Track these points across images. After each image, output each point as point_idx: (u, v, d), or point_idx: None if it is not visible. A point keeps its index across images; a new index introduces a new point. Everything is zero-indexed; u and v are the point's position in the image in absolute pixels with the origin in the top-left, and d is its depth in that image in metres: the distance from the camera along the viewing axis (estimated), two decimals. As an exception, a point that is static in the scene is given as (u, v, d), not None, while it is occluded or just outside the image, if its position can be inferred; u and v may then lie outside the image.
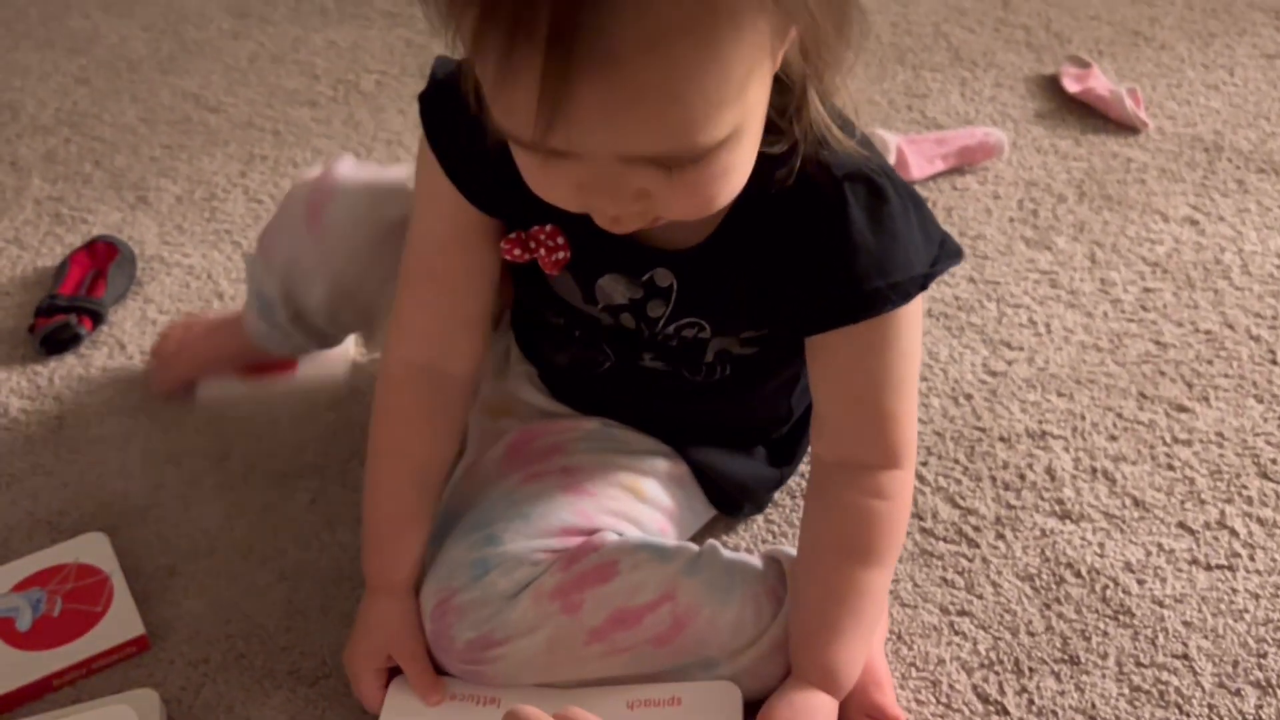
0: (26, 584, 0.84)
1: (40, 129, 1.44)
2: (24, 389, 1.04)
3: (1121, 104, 1.36)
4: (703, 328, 0.73)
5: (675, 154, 0.54)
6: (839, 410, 0.72)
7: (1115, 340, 1.06)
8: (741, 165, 0.58)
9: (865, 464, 0.71)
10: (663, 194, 0.57)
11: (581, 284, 0.73)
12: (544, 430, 0.82)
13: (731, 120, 0.54)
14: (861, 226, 0.65)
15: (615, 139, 0.53)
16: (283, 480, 0.94)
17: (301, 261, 0.86)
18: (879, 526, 0.71)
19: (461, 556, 0.74)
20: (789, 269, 0.67)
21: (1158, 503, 0.89)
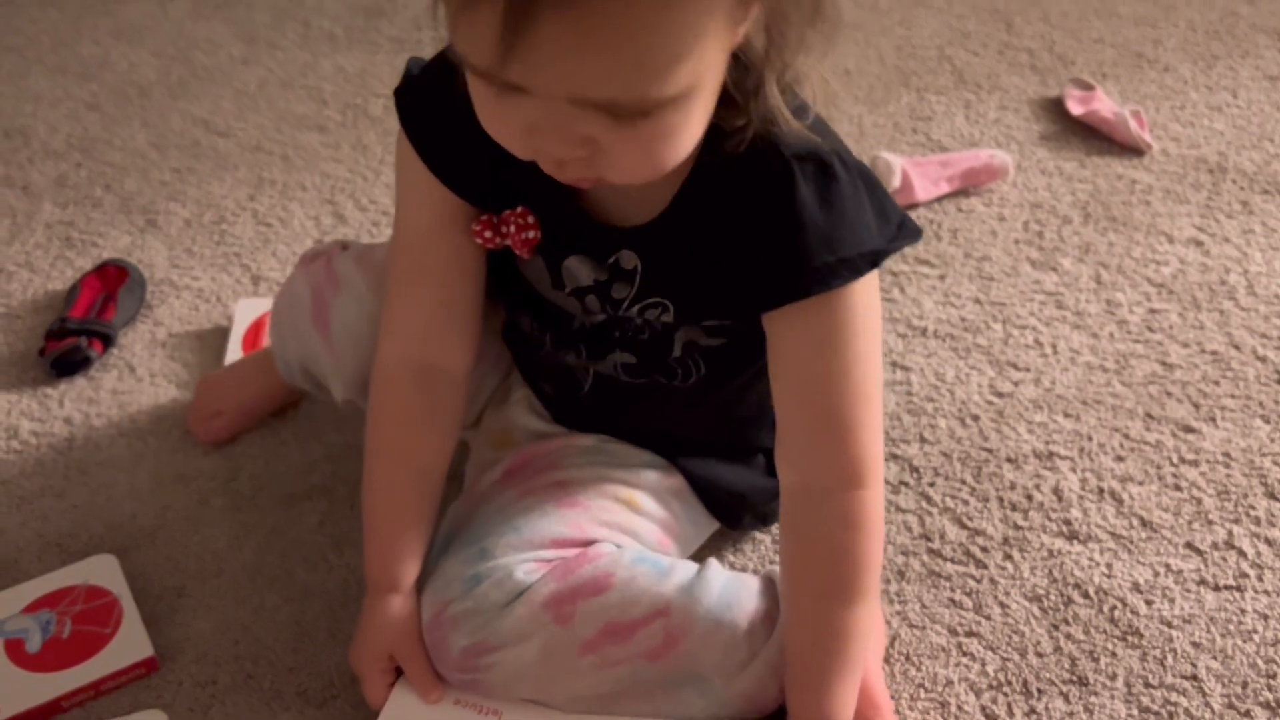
0: (36, 606, 0.84)
1: (51, 154, 1.46)
2: (34, 411, 1.05)
3: (1126, 126, 1.37)
4: (666, 308, 0.73)
5: (624, 102, 0.55)
6: (796, 416, 0.71)
7: (1121, 361, 1.06)
8: (689, 130, 0.58)
9: (829, 487, 0.70)
10: (610, 145, 0.57)
11: (549, 266, 0.74)
12: (541, 451, 0.83)
13: (684, 78, 0.54)
14: (809, 203, 0.65)
15: (569, 78, 0.54)
16: (291, 502, 0.95)
17: (318, 361, 0.87)
18: (852, 561, 0.71)
19: (456, 571, 0.75)
20: (740, 245, 0.68)
21: (1165, 523, 0.89)
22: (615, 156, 0.58)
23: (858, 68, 1.60)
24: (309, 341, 0.87)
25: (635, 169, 0.60)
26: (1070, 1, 1.76)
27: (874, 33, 1.69)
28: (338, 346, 0.85)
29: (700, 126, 0.60)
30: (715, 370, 0.77)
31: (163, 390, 1.06)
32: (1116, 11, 1.72)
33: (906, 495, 0.92)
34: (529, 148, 0.59)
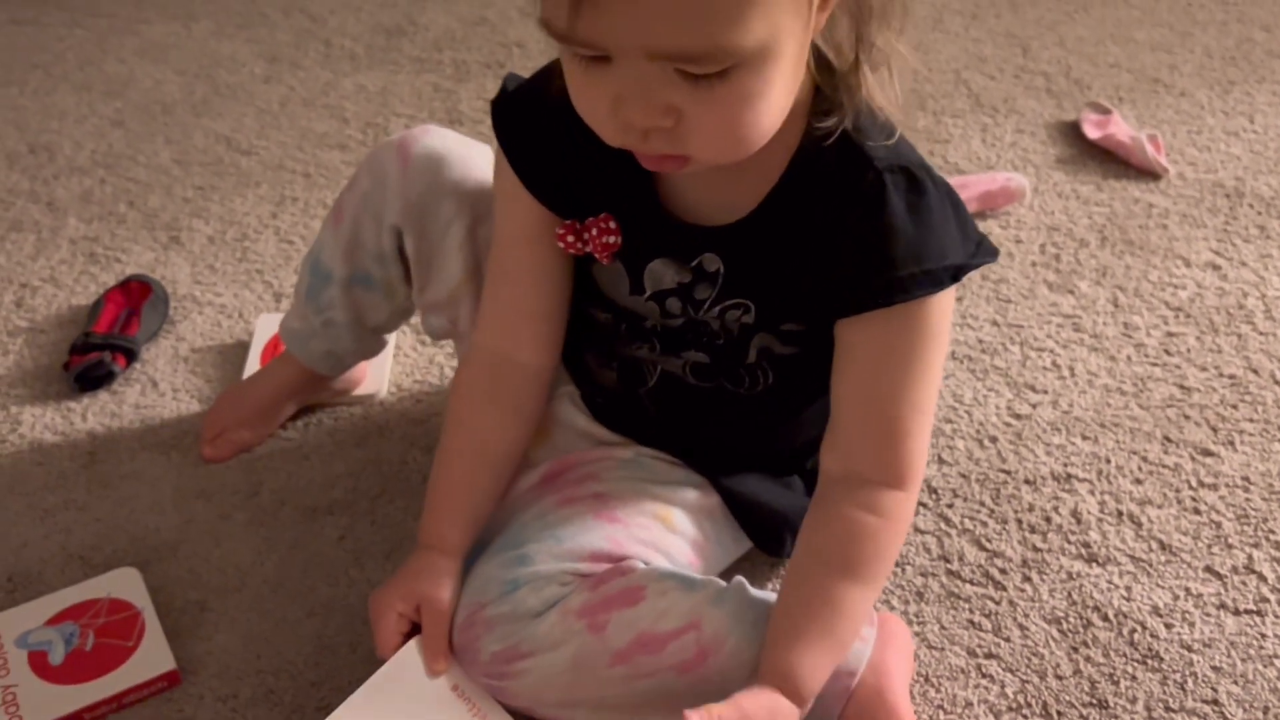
0: (60, 618, 0.85)
1: (76, 170, 1.47)
2: (58, 425, 1.06)
3: (1142, 150, 1.37)
4: (748, 309, 0.75)
5: (697, 51, 0.56)
6: (853, 416, 0.72)
7: (1139, 384, 1.06)
8: (769, 100, 0.60)
9: (869, 479, 0.72)
10: (691, 113, 0.59)
11: (630, 271, 0.76)
12: (578, 460, 0.84)
13: (756, 31, 0.56)
14: (899, 212, 0.67)
15: (639, 27, 0.56)
16: (312, 516, 0.95)
17: (386, 181, 0.88)
18: (868, 543, 0.72)
19: (493, 574, 0.75)
20: (828, 251, 0.70)
21: (1184, 547, 0.89)
22: (697, 125, 0.60)
23: (875, 90, 1.60)
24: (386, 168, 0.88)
25: (718, 139, 0.62)
26: (1086, 27, 1.77)
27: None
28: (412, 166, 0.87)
29: (782, 101, 0.61)
30: (782, 382, 0.78)
31: (185, 405, 1.07)
32: (1133, 37, 1.73)
33: (925, 516, 0.93)
34: (618, 124, 0.62)
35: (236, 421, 1.01)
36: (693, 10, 0.55)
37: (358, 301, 0.94)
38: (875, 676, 0.75)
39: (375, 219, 0.89)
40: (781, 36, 0.58)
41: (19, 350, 1.15)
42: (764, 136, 0.63)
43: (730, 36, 0.56)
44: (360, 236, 0.91)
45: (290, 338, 0.99)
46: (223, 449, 1.00)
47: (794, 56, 0.61)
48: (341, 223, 0.91)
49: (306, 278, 0.96)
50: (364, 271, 0.92)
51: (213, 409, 1.03)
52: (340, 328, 0.96)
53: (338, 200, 0.93)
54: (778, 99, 0.61)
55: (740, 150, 0.63)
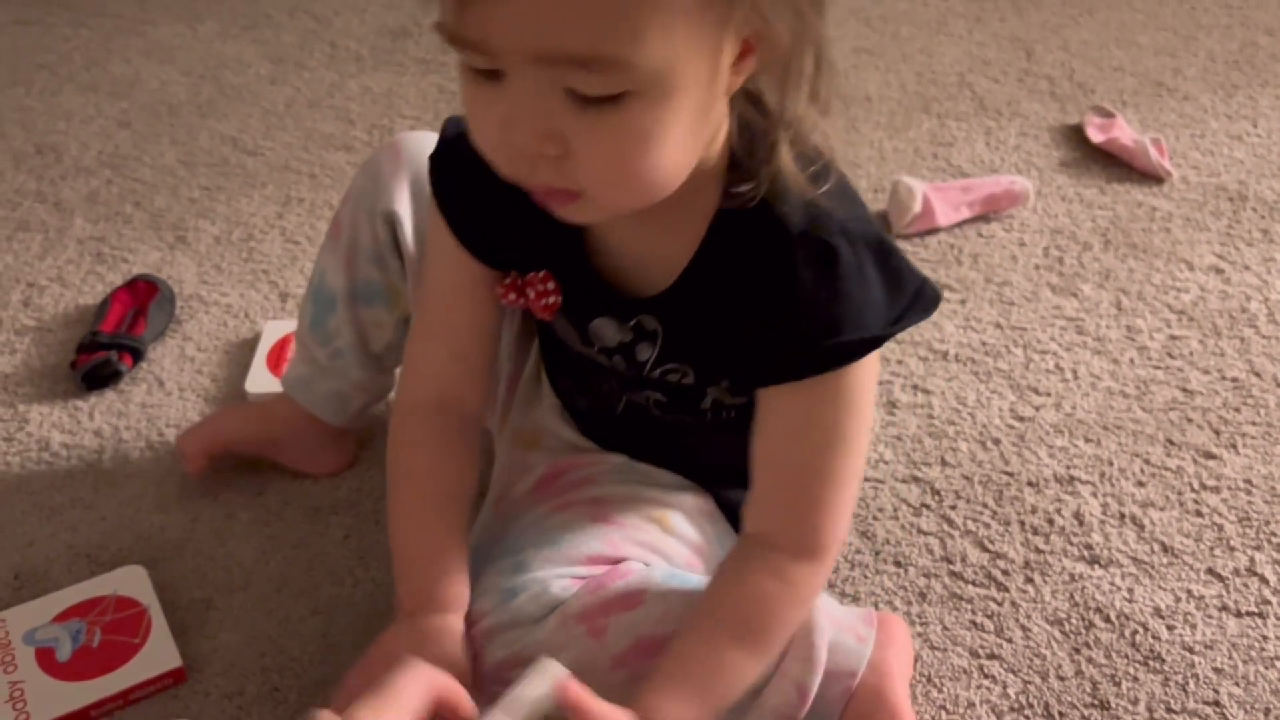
0: (66, 615, 0.85)
1: (83, 170, 1.48)
2: (65, 423, 1.06)
3: (1146, 153, 1.37)
4: (686, 373, 0.74)
5: (588, 54, 0.54)
6: (768, 483, 0.71)
7: (1142, 387, 1.06)
8: (666, 141, 0.57)
9: (781, 546, 0.70)
10: (581, 144, 0.57)
11: (576, 326, 0.76)
12: (573, 464, 0.84)
13: (652, 52, 0.54)
14: (808, 286, 0.64)
15: (526, 23, 0.53)
16: (316, 516, 0.96)
17: (379, 177, 0.87)
18: (766, 613, 0.70)
19: (491, 582, 0.75)
20: (747, 320, 0.67)
21: (1186, 549, 0.90)
22: (587, 157, 0.57)
23: (879, 93, 1.61)
24: (381, 167, 0.87)
25: (608, 176, 0.59)
26: (1090, 31, 1.78)
27: (895, 59, 1.71)
28: (406, 153, 0.86)
29: (681, 149, 0.58)
30: (744, 415, 0.77)
31: (191, 404, 1.08)
32: (1136, 41, 1.74)
33: (928, 518, 0.93)
34: (507, 149, 0.59)
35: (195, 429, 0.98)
36: (583, 8, 0.52)
37: (361, 320, 0.92)
38: (875, 677, 0.75)
39: (369, 214, 0.88)
40: (681, 71, 0.55)
41: (26, 349, 1.16)
42: (661, 184, 0.59)
43: (622, 46, 0.53)
44: (357, 240, 0.90)
45: (295, 385, 0.96)
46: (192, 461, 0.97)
47: (696, 103, 0.57)
48: (339, 235, 0.90)
49: (309, 310, 0.94)
50: (365, 279, 0.90)
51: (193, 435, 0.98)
52: (347, 355, 0.93)
53: (334, 218, 0.92)
54: (676, 145, 0.58)
55: (634, 193, 0.60)
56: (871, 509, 0.94)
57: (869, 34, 1.80)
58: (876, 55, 1.72)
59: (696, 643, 0.69)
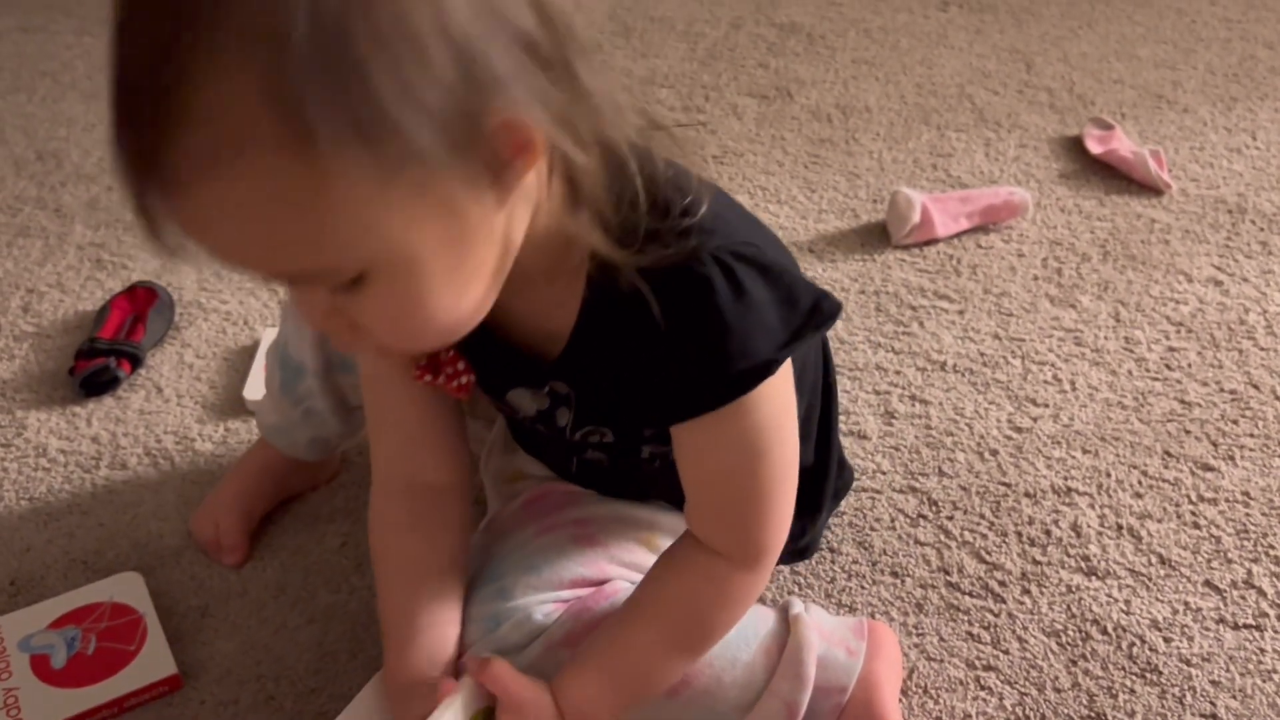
0: (62, 621, 0.85)
1: (83, 177, 1.48)
2: (62, 429, 1.06)
3: (1145, 165, 1.38)
4: (605, 434, 0.74)
5: (297, 274, 0.53)
6: (699, 502, 0.70)
7: (1140, 398, 1.06)
8: (426, 300, 0.55)
9: (719, 553, 0.70)
10: (354, 314, 0.55)
11: (496, 399, 0.75)
12: (558, 488, 0.83)
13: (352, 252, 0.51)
14: (686, 327, 0.62)
15: (223, 255, 0.52)
16: (313, 524, 0.96)
17: None
18: (698, 619, 0.70)
19: (475, 611, 0.75)
20: (640, 372, 0.66)
21: (1184, 561, 0.89)
22: (368, 324, 0.56)
23: (878, 105, 1.61)
24: None
25: (396, 336, 0.57)
26: (1090, 43, 1.78)
27: (895, 71, 1.71)
28: None
29: (456, 291, 0.56)
30: None
31: (189, 411, 1.08)
32: (1136, 54, 1.74)
33: (925, 528, 0.93)
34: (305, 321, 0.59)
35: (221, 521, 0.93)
36: (262, 246, 0.51)
37: (337, 385, 0.90)
38: (865, 690, 0.75)
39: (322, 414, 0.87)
40: (402, 249, 0.52)
41: (25, 355, 1.16)
42: (455, 324, 0.58)
43: (317, 260, 0.51)
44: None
45: (271, 433, 0.94)
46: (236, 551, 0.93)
47: (447, 259, 0.54)
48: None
49: (277, 372, 0.91)
50: (339, 357, 0.88)
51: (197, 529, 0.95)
52: (323, 414, 0.91)
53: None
54: (442, 297, 0.55)
55: (431, 341, 0.59)
56: (869, 519, 0.94)
57: (869, 45, 1.80)
58: (876, 66, 1.73)
59: (620, 630, 0.70)
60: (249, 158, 0.48)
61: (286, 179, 0.49)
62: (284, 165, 0.49)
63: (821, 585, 0.88)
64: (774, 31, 1.86)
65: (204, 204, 0.50)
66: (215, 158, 0.48)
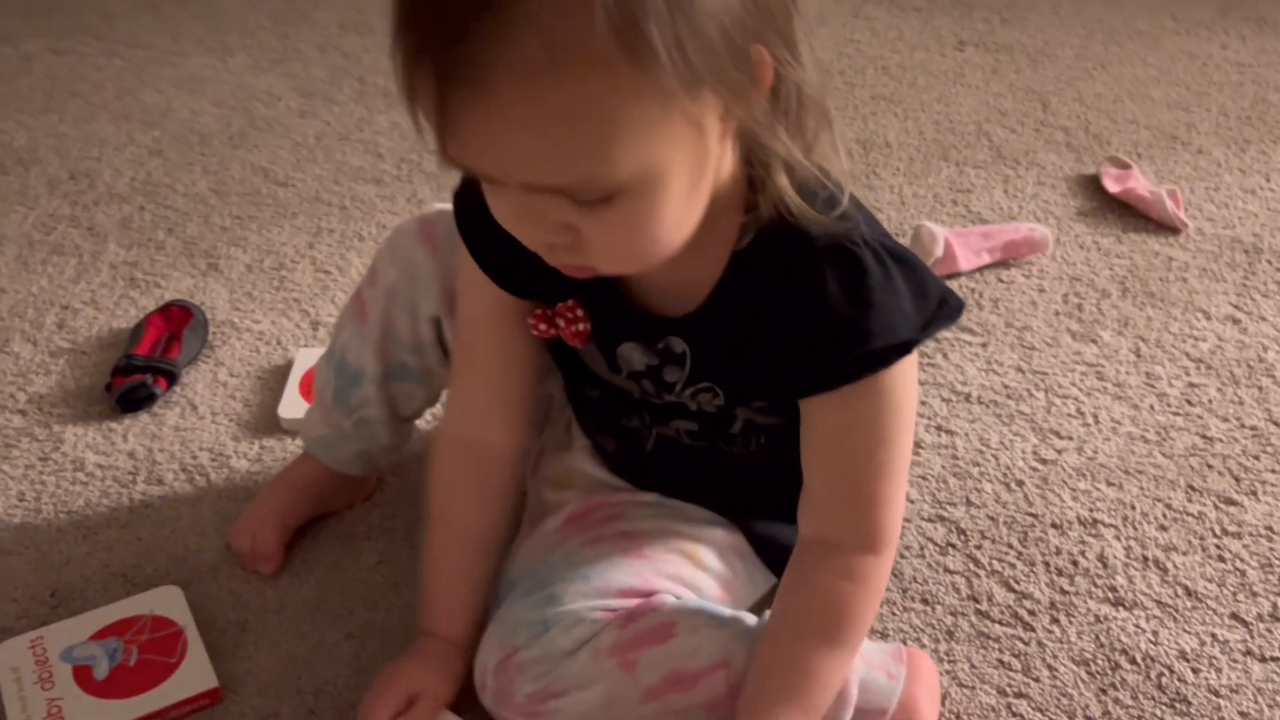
0: (104, 633, 0.86)
1: (116, 197, 1.50)
2: (99, 444, 1.07)
3: (1162, 204, 1.40)
4: (716, 393, 0.76)
5: (566, 187, 0.56)
6: (822, 486, 0.73)
7: (1162, 433, 1.08)
8: (663, 220, 0.59)
9: (843, 545, 0.72)
10: (586, 231, 0.59)
11: (604, 352, 0.77)
12: (603, 502, 0.85)
13: (628, 166, 0.56)
14: (837, 297, 0.66)
15: (504, 165, 0.56)
16: (350, 541, 0.97)
17: (416, 273, 0.87)
18: (843, 610, 0.72)
19: (523, 616, 0.76)
20: (777, 336, 0.69)
21: (1210, 593, 0.91)
22: (595, 242, 0.60)
23: (898, 140, 1.64)
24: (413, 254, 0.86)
25: (618, 256, 0.62)
26: (1104, 84, 1.81)
27: (913, 107, 1.74)
28: (441, 247, 0.85)
29: (680, 216, 0.61)
30: (775, 442, 0.79)
31: (224, 428, 1.09)
32: (1149, 95, 1.77)
33: (954, 557, 0.94)
34: (522, 233, 0.62)
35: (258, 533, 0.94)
36: (551, 153, 0.55)
37: (393, 394, 0.92)
38: (904, 714, 0.77)
39: (410, 312, 0.88)
40: (663, 163, 0.57)
41: (61, 370, 1.18)
42: (669, 250, 0.62)
43: (596, 171, 0.55)
44: (394, 331, 0.89)
45: (316, 445, 0.95)
46: (271, 560, 0.93)
47: (687, 178, 0.60)
48: (367, 320, 0.89)
49: (331, 381, 0.93)
50: (399, 363, 0.90)
51: (234, 540, 0.95)
52: (375, 424, 0.93)
53: (357, 297, 0.90)
54: (674, 218, 0.60)
55: (646, 264, 0.63)
56: (898, 546, 0.95)
57: (887, 82, 1.83)
58: (895, 103, 1.76)
59: (786, 656, 0.71)
60: (579, 64, 0.52)
61: (606, 91, 0.53)
62: (611, 74, 0.52)
63: (853, 611, 0.89)
64: (794, 67, 1.89)
65: (516, 105, 0.53)
66: (545, 61, 0.51)
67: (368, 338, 0.90)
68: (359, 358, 0.91)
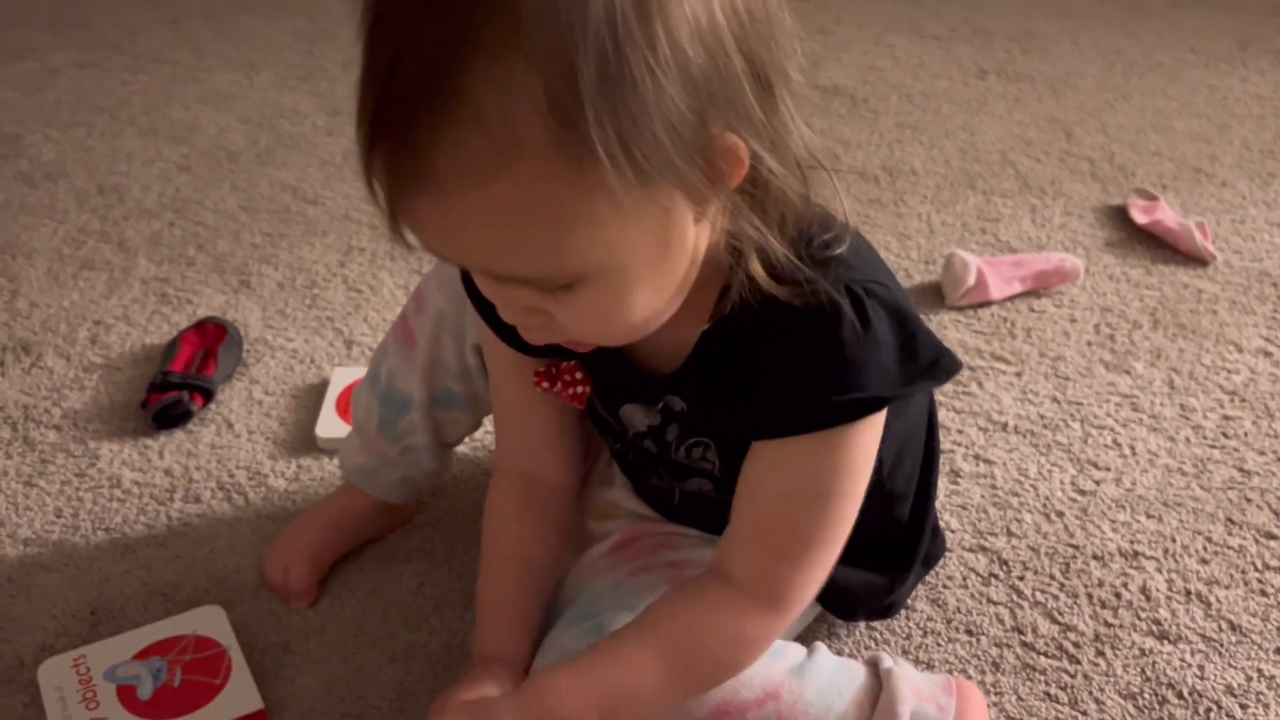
0: (147, 653, 0.86)
1: (145, 212, 1.50)
2: (135, 461, 1.07)
3: (1191, 237, 1.41)
4: (708, 446, 0.75)
5: (527, 278, 0.56)
6: (744, 526, 0.70)
7: (1199, 465, 1.08)
8: (634, 304, 0.59)
9: (743, 589, 0.69)
10: (557, 313, 0.59)
11: (609, 413, 0.77)
12: (650, 530, 0.85)
13: (588, 259, 0.55)
14: (808, 344, 0.64)
15: (462, 256, 0.56)
16: (389, 563, 0.96)
17: (464, 299, 0.84)
18: (703, 646, 0.69)
19: (571, 644, 0.76)
20: (755, 385, 0.67)
21: (1254, 628, 0.91)
22: (566, 324, 0.60)
23: (924, 168, 1.65)
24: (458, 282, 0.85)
25: (593, 335, 0.62)
26: (1126, 115, 1.82)
27: (938, 136, 1.75)
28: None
29: (653, 298, 0.60)
30: None
31: (260, 447, 1.09)
32: (1172, 127, 1.78)
33: (997, 587, 0.94)
34: (501, 312, 0.62)
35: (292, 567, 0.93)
36: (504, 248, 0.55)
37: (438, 420, 0.92)
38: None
39: (456, 339, 0.87)
40: (622, 254, 0.56)
41: (95, 386, 1.17)
42: (648, 326, 0.62)
43: (554, 265, 0.55)
44: (441, 358, 0.89)
45: (357, 474, 0.95)
46: (304, 598, 0.92)
47: (654, 262, 0.59)
48: (415, 347, 0.89)
49: (376, 410, 0.92)
50: (445, 389, 0.90)
51: (267, 564, 0.94)
52: (420, 451, 0.93)
53: (401, 322, 0.90)
54: (644, 299, 0.60)
55: (625, 340, 0.63)
56: (941, 577, 0.95)
57: (911, 110, 1.84)
58: (920, 131, 1.77)
59: (620, 643, 0.70)
60: (522, 165, 0.51)
61: (553, 188, 0.52)
62: (554, 175, 0.52)
63: (898, 641, 0.89)
64: (817, 94, 1.90)
65: (466, 206, 0.52)
66: (490, 162, 0.51)
67: (415, 364, 0.89)
68: (406, 384, 0.90)
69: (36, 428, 1.11)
